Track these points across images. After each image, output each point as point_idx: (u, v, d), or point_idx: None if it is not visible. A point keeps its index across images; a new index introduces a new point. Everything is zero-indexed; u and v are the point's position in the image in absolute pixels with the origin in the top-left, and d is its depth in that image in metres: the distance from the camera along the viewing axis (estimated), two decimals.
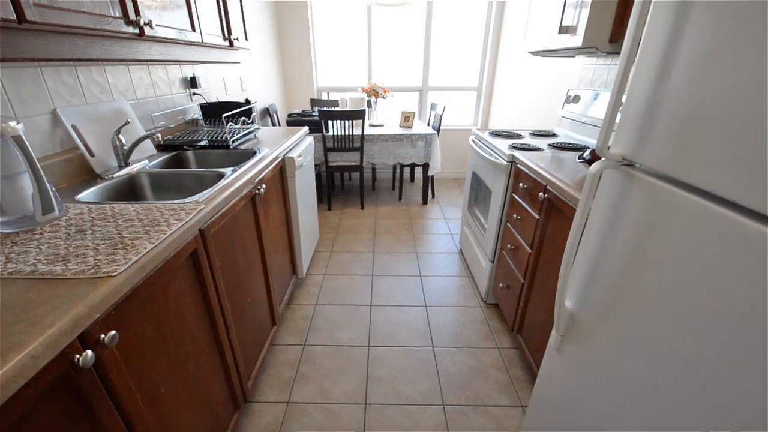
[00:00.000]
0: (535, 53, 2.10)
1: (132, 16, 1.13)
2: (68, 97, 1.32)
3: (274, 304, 1.84)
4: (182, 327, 1.03)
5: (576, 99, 2.28)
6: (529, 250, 1.68)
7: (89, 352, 0.67)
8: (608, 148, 0.87)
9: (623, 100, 0.84)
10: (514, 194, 1.88)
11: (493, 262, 2.14)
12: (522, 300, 1.76)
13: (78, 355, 0.65)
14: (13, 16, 0.82)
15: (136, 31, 1.15)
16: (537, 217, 1.61)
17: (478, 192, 2.44)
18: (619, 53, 1.70)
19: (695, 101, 0.68)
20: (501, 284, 2.04)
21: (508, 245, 1.92)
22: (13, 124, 0.94)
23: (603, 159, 0.89)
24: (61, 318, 0.63)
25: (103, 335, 0.71)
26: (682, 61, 0.71)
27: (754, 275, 0.56)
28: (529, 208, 1.70)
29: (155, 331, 0.91)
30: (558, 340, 1.11)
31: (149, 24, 1.18)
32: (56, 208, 1.02)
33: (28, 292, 0.69)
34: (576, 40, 1.61)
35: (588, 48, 1.60)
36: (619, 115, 0.88)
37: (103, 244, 0.89)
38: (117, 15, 1.08)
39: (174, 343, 0.99)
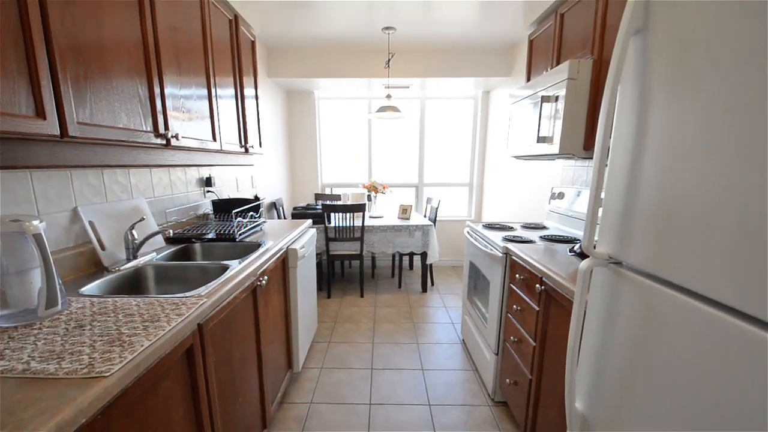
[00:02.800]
0: (518, 157, 2.30)
1: (162, 129, 1.29)
2: (90, 197, 1.43)
3: (266, 403, 1.73)
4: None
5: (560, 195, 2.43)
6: (533, 343, 1.63)
7: None
8: (594, 247, 0.92)
9: (602, 196, 0.92)
10: (511, 285, 1.89)
11: (497, 354, 2.06)
12: (532, 398, 1.65)
13: None
14: (57, 132, 0.94)
15: (164, 142, 1.30)
16: (537, 308, 1.60)
17: (477, 281, 2.45)
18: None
19: (667, 199, 0.74)
20: (508, 380, 1.93)
21: (511, 337, 1.87)
22: (35, 222, 1.01)
23: (591, 257, 0.93)
24: (46, 424, 0.61)
25: None
26: (649, 163, 0.79)
27: (748, 378, 0.56)
28: (528, 299, 1.70)
29: None
30: None
31: (176, 136, 1.34)
32: (59, 302, 1.04)
33: (16, 392, 0.68)
34: (553, 148, 1.78)
35: (565, 154, 1.76)
36: (601, 211, 0.94)
37: (101, 340, 0.89)
38: (148, 129, 1.24)
39: None
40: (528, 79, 2.48)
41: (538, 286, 1.56)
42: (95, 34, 1.05)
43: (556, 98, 1.76)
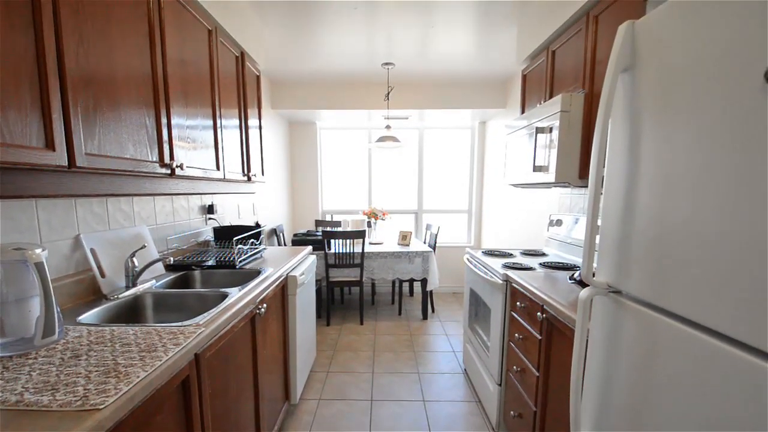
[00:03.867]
0: (515, 185, 2.34)
1: (167, 159, 1.32)
2: (94, 224, 1.45)
3: None
4: None
5: (558, 223, 2.45)
6: (537, 373, 1.60)
7: None
8: (593, 275, 0.93)
9: (599, 223, 0.93)
10: (513, 312, 1.88)
11: (500, 385, 2.01)
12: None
13: None
14: (65, 163, 0.97)
15: (168, 171, 1.33)
16: (539, 337, 1.58)
17: (478, 308, 2.42)
18: None
19: (662, 229, 0.75)
20: (512, 412, 1.87)
21: (514, 367, 1.83)
22: (38, 251, 1.02)
23: (591, 286, 0.93)
24: None
25: None
26: (644, 193, 0.81)
27: (750, 408, 0.55)
28: (529, 328, 1.68)
29: None
30: None
31: (180, 166, 1.37)
32: (56, 331, 1.03)
33: (9, 425, 0.67)
34: (549, 177, 1.82)
35: (561, 183, 1.79)
36: (598, 238, 0.95)
37: (96, 371, 0.88)
38: (154, 159, 1.27)
39: None
40: (522, 111, 2.55)
41: (539, 314, 1.55)
42: (107, 67, 1.10)
43: (551, 129, 1.80)
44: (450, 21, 2.49)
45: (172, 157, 1.35)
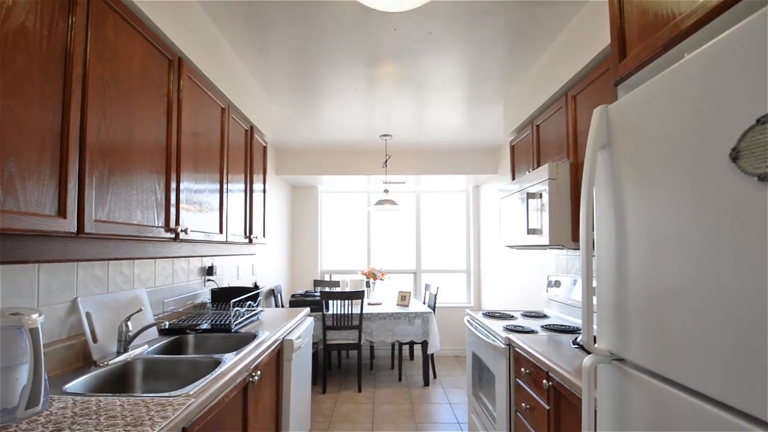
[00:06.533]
0: (511, 247, 2.37)
1: (172, 224, 1.36)
2: (93, 287, 1.45)
3: None
4: None
5: (557, 284, 2.44)
6: None
7: None
8: (594, 342, 0.91)
9: (594, 285, 0.93)
10: (518, 379, 1.80)
11: None
12: None
13: None
14: (74, 230, 0.99)
15: (173, 236, 1.37)
16: (546, 407, 1.50)
17: (481, 374, 2.32)
18: None
19: (656, 294, 0.76)
20: None
21: None
22: (34, 316, 1.01)
23: (593, 354, 0.92)
24: None
25: None
26: (633, 259, 0.83)
27: None
28: (536, 396, 1.60)
29: None
30: None
31: (185, 230, 1.41)
32: (41, 402, 0.98)
33: None
34: (543, 239, 1.86)
35: (555, 245, 1.83)
36: (596, 301, 0.95)
37: None
38: (160, 224, 1.31)
39: None
40: (513, 178, 2.68)
41: (545, 381, 1.49)
42: (125, 139, 1.18)
43: (541, 195, 1.88)
44: (441, 100, 2.76)
45: (177, 222, 1.39)
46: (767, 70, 0.55)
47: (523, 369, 1.73)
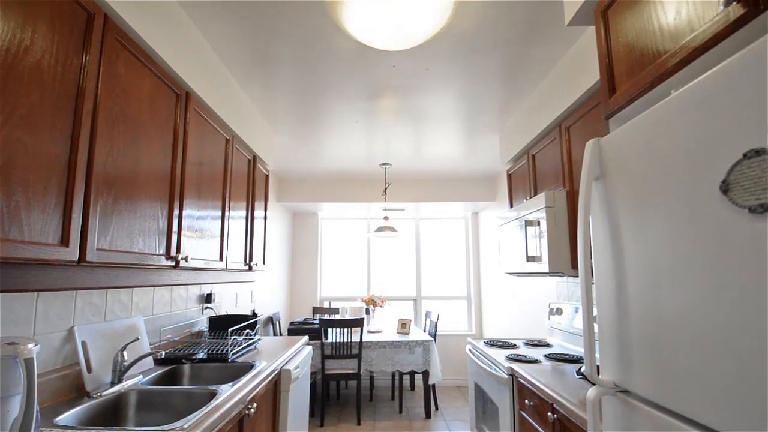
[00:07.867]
0: (511, 274, 2.36)
1: (173, 252, 1.37)
2: (90, 316, 1.43)
3: None
4: None
5: (559, 311, 2.42)
6: None
7: None
8: (598, 374, 0.90)
9: (595, 313, 0.93)
10: (522, 412, 1.75)
11: None
12: None
13: None
14: (75, 258, 1.00)
15: (173, 264, 1.37)
16: None
17: (485, 405, 2.25)
18: None
19: (656, 324, 0.76)
20: None
21: None
22: (30, 346, 0.99)
23: (597, 385, 0.90)
24: None
25: None
26: (632, 289, 0.83)
27: None
28: (541, 430, 1.55)
29: None
30: None
31: (185, 258, 1.41)
32: None
33: None
34: (543, 267, 1.86)
35: (555, 273, 1.82)
36: (597, 330, 0.94)
37: None
38: (161, 252, 1.32)
39: None
40: (511, 205, 2.70)
41: (550, 414, 1.45)
42: (131, 169, 1.20)
43: (539, 222, 1.89)
44: (439, 131, 2.85)
45: (178, 250, 1.40)
46: (751, 108, 0.58)
47: (527, 401, 1.68)
